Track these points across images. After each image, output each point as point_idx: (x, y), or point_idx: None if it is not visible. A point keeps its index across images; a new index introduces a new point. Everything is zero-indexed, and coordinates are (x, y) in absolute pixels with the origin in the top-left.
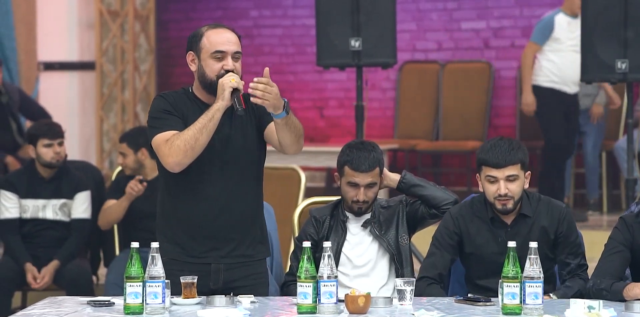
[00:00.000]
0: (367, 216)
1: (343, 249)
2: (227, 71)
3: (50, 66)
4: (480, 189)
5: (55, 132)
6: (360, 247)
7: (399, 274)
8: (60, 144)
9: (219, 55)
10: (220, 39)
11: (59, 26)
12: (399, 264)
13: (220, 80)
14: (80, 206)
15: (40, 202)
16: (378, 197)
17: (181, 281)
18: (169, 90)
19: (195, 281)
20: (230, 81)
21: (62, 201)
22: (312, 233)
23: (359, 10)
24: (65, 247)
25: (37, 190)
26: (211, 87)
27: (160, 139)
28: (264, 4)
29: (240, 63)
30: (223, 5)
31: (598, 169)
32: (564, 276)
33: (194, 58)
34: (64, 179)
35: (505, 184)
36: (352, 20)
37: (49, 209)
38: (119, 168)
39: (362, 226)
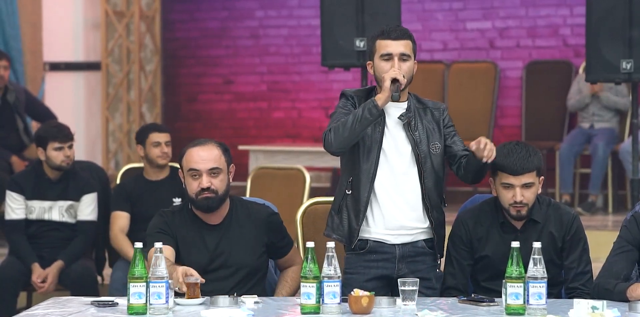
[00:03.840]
0: (403, 106)
1: (383, 145)
2: (203, 189)
3: (55, 66)
4: (493, 193)
5: (65, 135)
6: (397, 141)
7: (421, 179)
8: (70, 147)
9: (194, 173)
10: (195, 157)
11: (64, 26)
12: (422, 169)
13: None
14: (87, 208)
15: (46, 203)
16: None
17: (185, 281)
18: (170, 208)
19: (199, 281)
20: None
21: (69, 202)
22: (350, 106)
23: (364, 10)
24: (70, 248)
25: (43, 191)
26: (195, 205)
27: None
28: (270, 5)
29: (221, 178)
30: (229, 5)
31: (604, 170)
32: (569, 282)
33: (182, 175)
34: (71, 180)
35: (522, 191)
36: (357, 21)
37: (55, 211)
38: (125, 168)
39: (398, 118)
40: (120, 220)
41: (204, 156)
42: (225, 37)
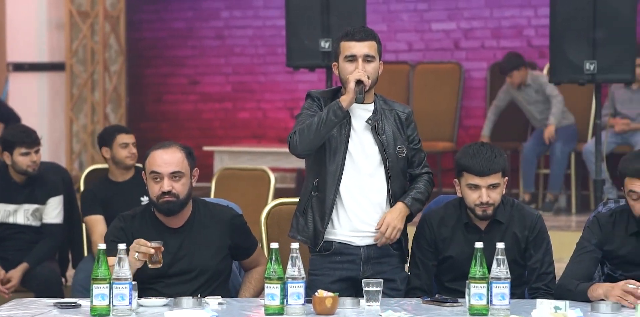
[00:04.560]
0: (370, 108)
1: (349, 147)
2: (164, 193)
3: (19, 67)
4: (458, 194)
5: (32, 140)
6: (363, 143)
7: (388, 182)
8: (37, 151)
9: (156, 176)
10: (157, 160)
11: (28, 27)
12: (390, 172)
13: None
14: (53, 210)
15: (11, 207)
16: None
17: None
18: (132, 210)
19: (162, 245)
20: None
21: (35, 206)
22: (315, 107)
23: (329, 11)
24: (36, 250)
25: (9, 195)
26: (156, 208)
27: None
28: (235, 5)
29: (183, 182)
30: (194, 6)
31: (564, 170)
32: (532, 282)
33: (145, 177)
34: (38, 184)
35: (487, 192)
36: (322, 21)
37: (20, 214)
38: (89, 169)
39: (366, 121)
40: (99, 225)
41: (167, 159)
42: (191, 37)
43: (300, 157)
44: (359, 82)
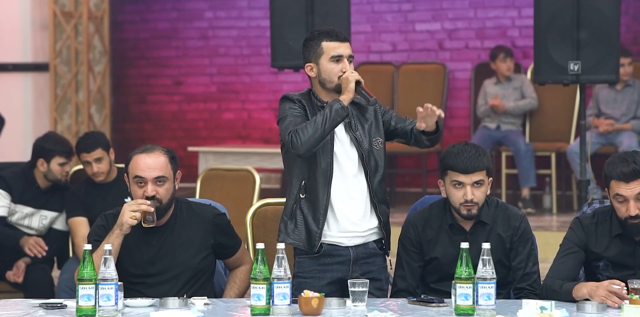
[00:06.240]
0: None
1: (335, 148)
2: (148, 198)
3: (3, 68)
4: (443, 194)
5: (69, 151)
6: (344, 144)
7: (367, 177)
8: (71, 161)
9: (140, 180)
10: (140, 165)
11: (12, 27)
12: (367, 167)
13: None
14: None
15: (28, 209)
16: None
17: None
18: (115, 209)
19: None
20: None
21: (54, 214)
22: (299, 108)
23: (314, 11)
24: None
25: (30, 198)
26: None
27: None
28: (219, 6)
29: (167, 186)
30: (178, 6)
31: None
32: (516, 282)
33: (127, 180)
34: (59, 191)
35: (472, 190)
36: (306, 22)
37: (35, 219)
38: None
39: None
40: (82, 228)
41: (150, 164)
42: (175, 38)
43: (302, 156)
44: (357, 83)
